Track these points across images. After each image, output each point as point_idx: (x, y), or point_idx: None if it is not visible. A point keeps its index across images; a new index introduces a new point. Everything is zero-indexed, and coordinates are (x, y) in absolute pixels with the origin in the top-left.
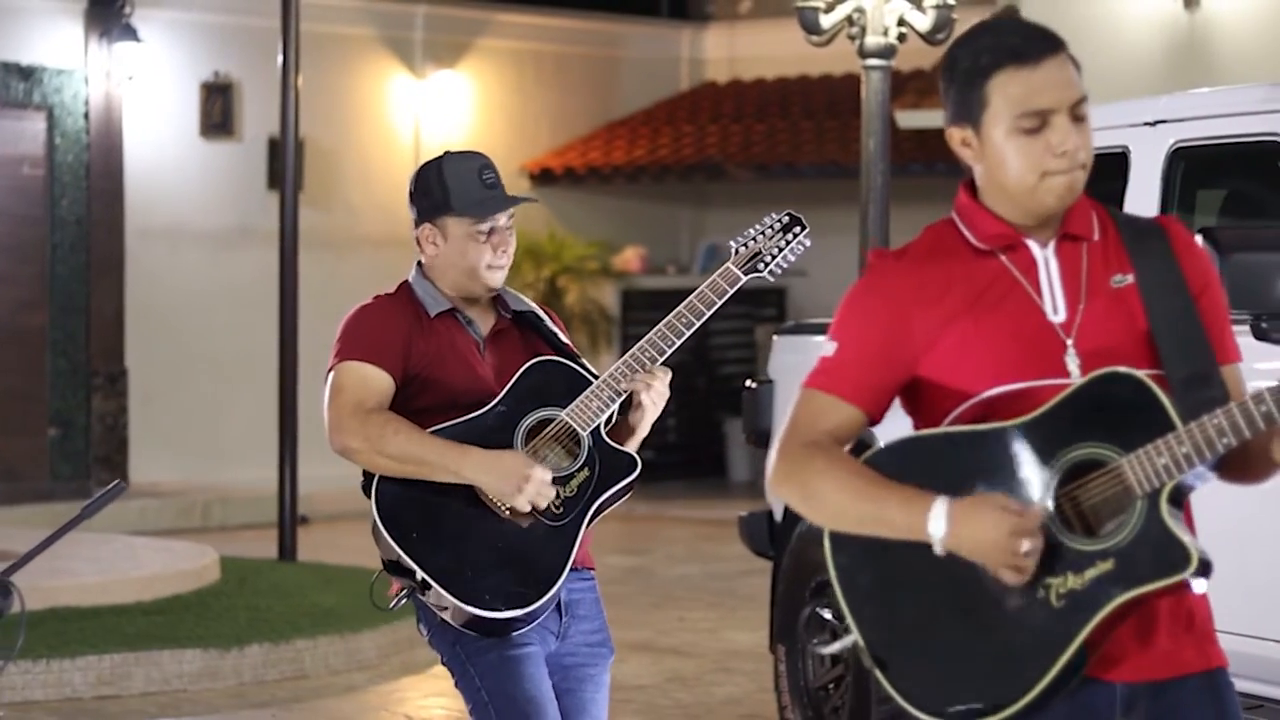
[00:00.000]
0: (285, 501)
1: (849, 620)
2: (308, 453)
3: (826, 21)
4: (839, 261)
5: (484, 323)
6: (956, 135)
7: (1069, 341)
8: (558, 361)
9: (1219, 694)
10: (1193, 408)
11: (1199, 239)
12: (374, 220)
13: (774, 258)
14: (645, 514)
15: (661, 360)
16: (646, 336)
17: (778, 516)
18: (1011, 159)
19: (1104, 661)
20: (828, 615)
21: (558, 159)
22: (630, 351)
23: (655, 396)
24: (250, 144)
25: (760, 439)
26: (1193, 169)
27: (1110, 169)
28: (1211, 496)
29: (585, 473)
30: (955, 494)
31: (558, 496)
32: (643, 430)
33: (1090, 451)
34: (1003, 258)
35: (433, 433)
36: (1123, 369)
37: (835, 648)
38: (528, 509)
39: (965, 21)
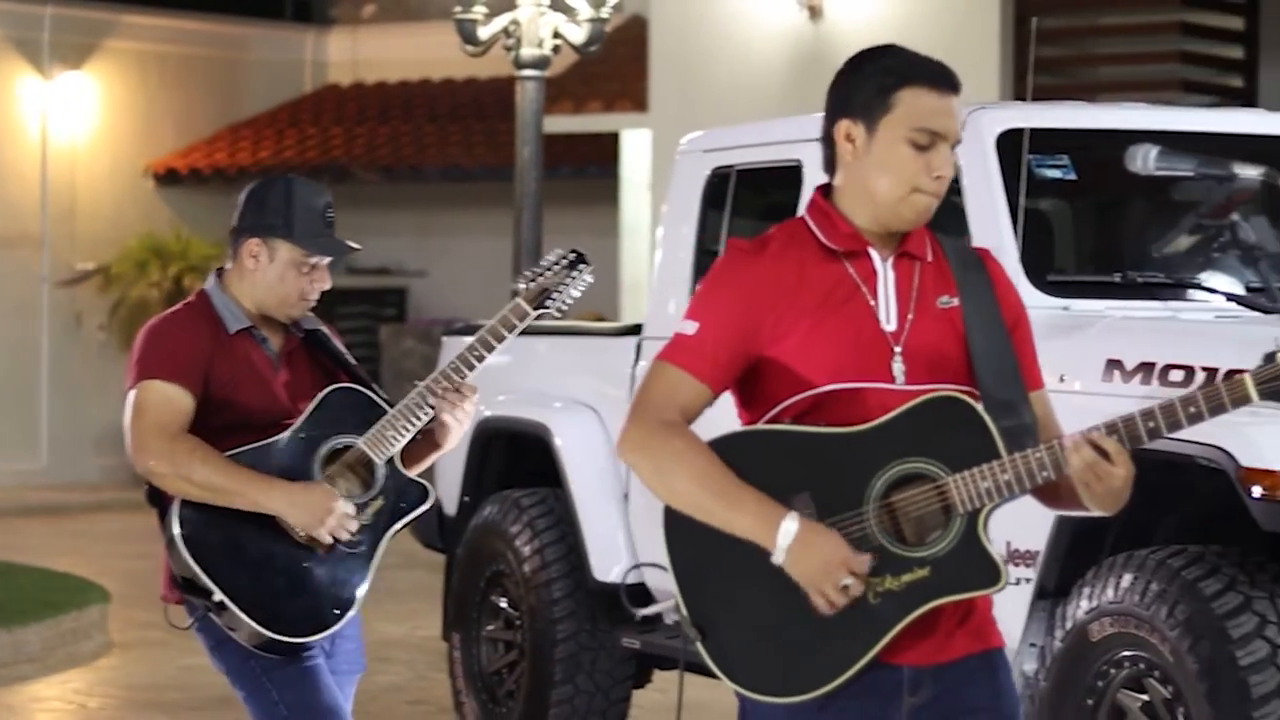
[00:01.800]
0: None
1: (675, 588)
2: None
3: (484, 32)
4: (458, 262)
5: (276, 340)
6: (844, 127)
7: (897, 350)
8: (354, 389)
9: (994, 671)
10: (1006, 433)
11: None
12: (1, 219)
13: (560, 294)
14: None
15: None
16: (439, 369)
17: (449, 511)
18: (892, 165)
19: (893, 647)
20: (503, 604)
21: (182, 160)
22: (424, 382)
23: (460, 415)
24: None
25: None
26: None
27: (786, 181)
28: None
29: (380, 501)
30: (789, 490)
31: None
32: (446, 448)
33: (919, 466)
34: (847, 264)
35: (233, 456)
36: (958, 394)
37: (653, 610)
38: (330, 541)
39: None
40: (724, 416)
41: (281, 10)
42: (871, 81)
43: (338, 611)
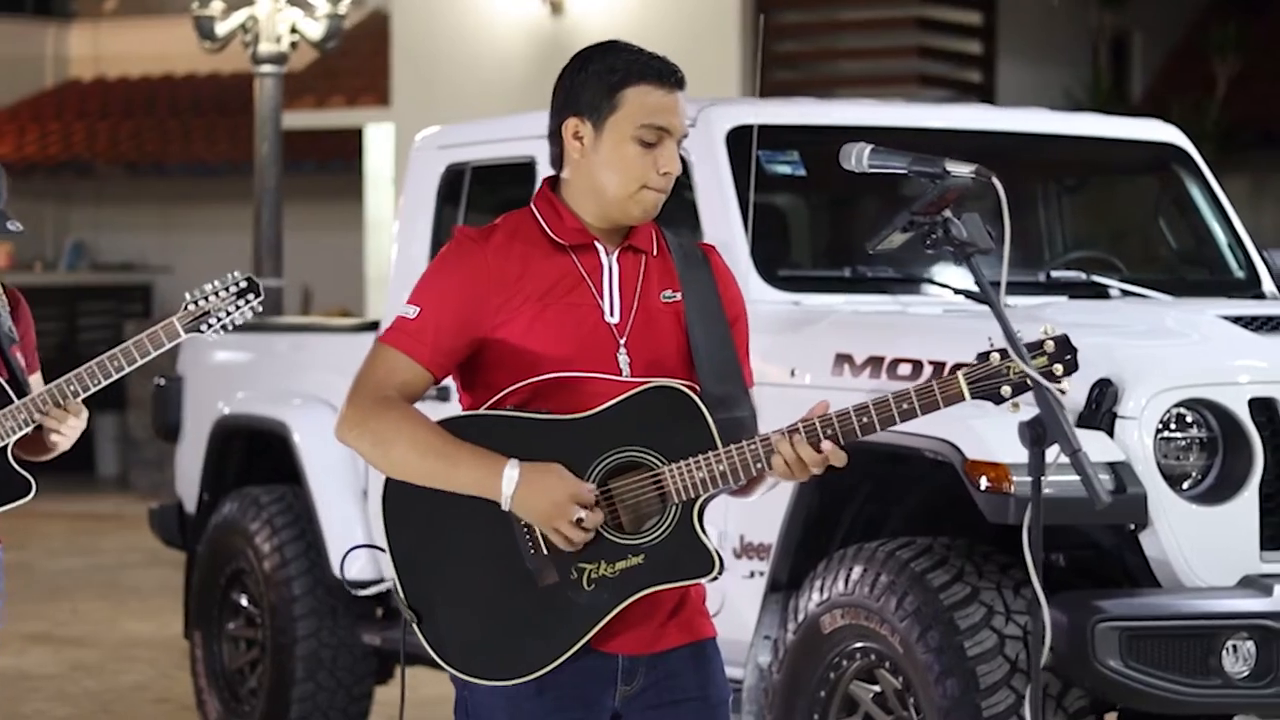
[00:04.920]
0: None
1: (393, 571)
2: None
3: (221, 28)
4: (203, 258)
5: None
6: (572, 125)
7: (621, 342)
8: None
9: (704, 662)
10: (724, 426)
11: None
12: None
13: (220, 320)
14: (15, 509)
15: (84, 396)
16: (75, 371)
17: (189, 508)
18: (620, 163)
19: (607, 636)
20: (244, 601)
21: None
22: (56, 382)
23: (69, 430)
24: None
25: (169, 433)
26: None
27: (520, 177)
28: None
29: None
30: None
31: None
32: (54, 453)
33: (636, 454)
34: (574, 256)
35: None
36: (677, 384)
37: (371, 591)
38: None
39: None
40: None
41: (21, 4)
42: (597, 80)
43: None
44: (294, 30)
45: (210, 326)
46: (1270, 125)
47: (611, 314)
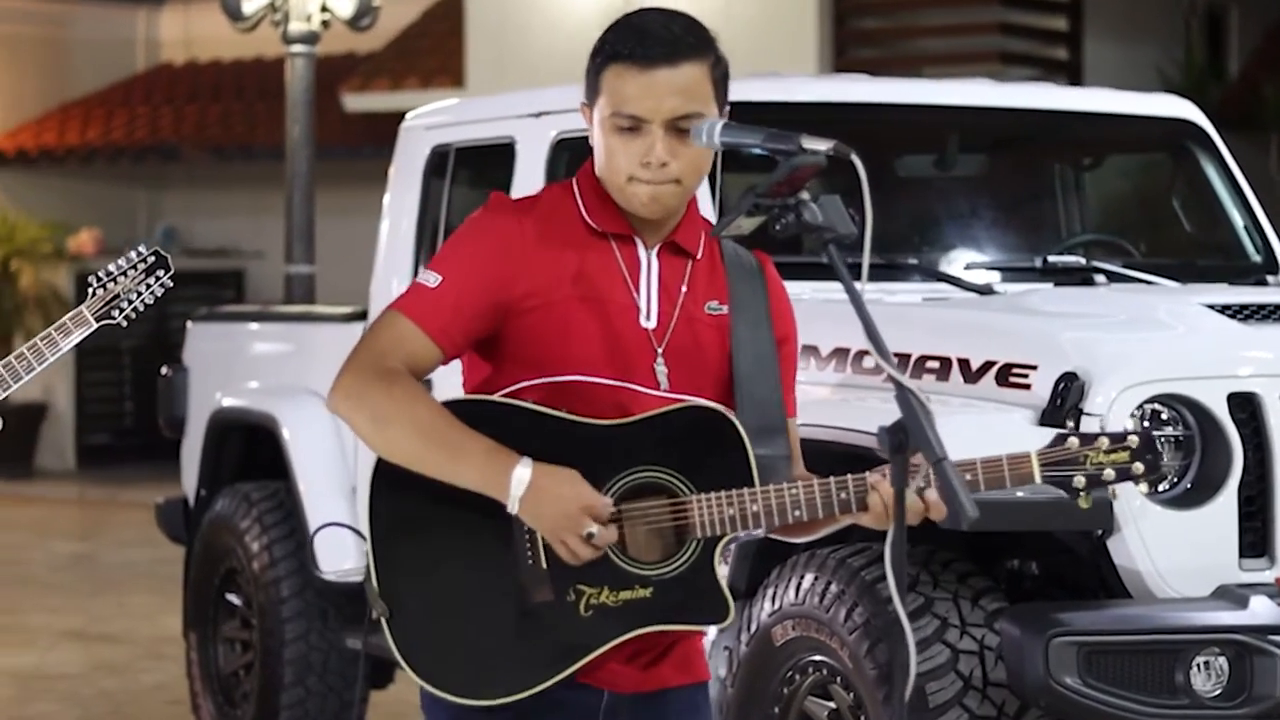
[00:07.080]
0: None
1: (370, 559)
2: None
3: (249, 7)
4: None
5: None
6: (584, 110)
7: (659, 351)
8: None
9: (693, 709)
10: (758, 461)
11: None
12: None
13: (132, 302)
14: (99, 499)
15: (2, 397)
16: None
17: (192, 503)
18: (606, 152)
19: (593, 669)
20: (237, 601)
21: (10, 140)
22: None
23: None
24: None
25: (175, 427)
26: (576, 159)
27: (497, 159)
28: None
29: None
30: None
31: None
32: None
33: (661, 477)
34: (614, 245)
35: None
36: (723, 410)
37: (334, 576)
38: None
39: (391, 8)
40: None
41: None
42: (591, 61)
43: None
44: (324, 9)
45: (122, 311)
46: None
47: (648, 318)
